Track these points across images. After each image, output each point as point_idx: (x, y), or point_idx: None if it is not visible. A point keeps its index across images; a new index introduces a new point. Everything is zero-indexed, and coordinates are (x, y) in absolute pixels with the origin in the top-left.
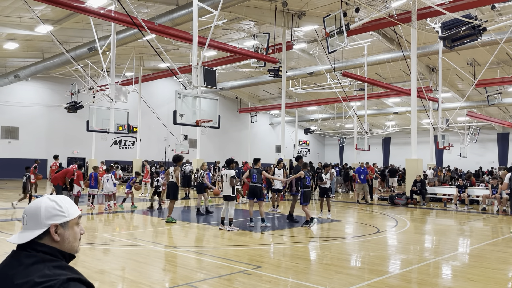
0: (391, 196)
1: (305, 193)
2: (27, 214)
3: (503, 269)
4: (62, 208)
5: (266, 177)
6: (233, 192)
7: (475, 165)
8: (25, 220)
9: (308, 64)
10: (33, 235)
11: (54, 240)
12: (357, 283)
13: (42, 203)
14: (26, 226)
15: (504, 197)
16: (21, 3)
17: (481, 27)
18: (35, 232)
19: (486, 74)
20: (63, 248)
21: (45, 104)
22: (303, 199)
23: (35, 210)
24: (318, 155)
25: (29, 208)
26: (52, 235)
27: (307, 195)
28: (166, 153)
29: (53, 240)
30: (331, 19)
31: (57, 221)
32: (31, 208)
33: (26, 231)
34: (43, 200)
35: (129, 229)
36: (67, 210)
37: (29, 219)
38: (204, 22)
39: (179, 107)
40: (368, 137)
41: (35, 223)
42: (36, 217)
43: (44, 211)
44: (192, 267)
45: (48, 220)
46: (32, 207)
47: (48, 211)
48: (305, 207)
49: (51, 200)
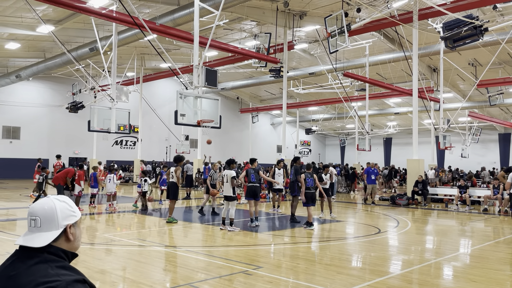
0: (392, 197)
1: (306, 195)
2: (39, 216)
3: (505, 270)
4: (73, 208)
5: (261, 177)
6: (234, 192)
7: (476, 165)
8: (37, 222)
9: (309, 64)
10: (52, 236)
11: (68, 240)
12: (358, 284)
13: (55, 204)
14: (40, 228)
15: (505, 198)
16: (22, 3)
17: (482, 28)
18: (52, 233)
19: (487, 74)
20: (72, 248)
21: (47, 104)
22: (305, 201)
23: (50, 211)
24: (319, 155)
25: (41, 209)
26: (68, 235)
27: (308, 196)
28: (168, 153)
29: (66, 240)
30: (332, 19)
31: (70, 221)
32: (43, 209)
33: (40, 233)
34: (54, 202)
35: (130, 229)
36: (76, 209)
37: (43, 221)
38: (205, 22)
39: (180, 107)
40: (370, 137)
41: (51, 224)
42: (52, 219)
43: (60, 213)
44: (193, 267)
45: (64, 221)
46: (46, 209)
47: (63, 212)
48: (309, 208)
49: (60, 201)
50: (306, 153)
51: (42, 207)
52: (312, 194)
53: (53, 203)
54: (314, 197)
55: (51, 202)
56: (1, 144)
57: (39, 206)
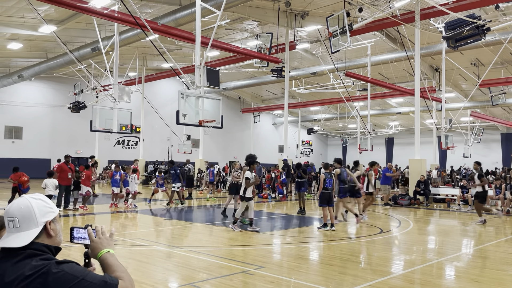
0: (394, 197)
1: (323, 195)
2: (16, 216)
3: (507, 270)
4: (50, 204)
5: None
6: (245, 192)
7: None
8: (15, 222)
9: (311, 64)
10: (32, 235)
11: (49, 236)
12: (360, 284)
13: (31, 203)
14: (19, 228)
15: (508, 197)
16: (24, 4)
17: (484, 27)
18: (32, 231)
19: (490, 74)
20: (54, 243)
21: (49, 104)
22: (320, 201)
23: (26, 210)
24: (321, 155)
25: (17, 210)
26: (49, 231)
27: (325, 196)
28: (169, 153)
29: (48, 236)
30: (334, 19)
31: (49, 218)
32: (20, 209)
33: (19, 233)
34: (29, 201)
35: (132, 229)
36: (53, 205)
37: (21, 220)
38: (207, 22)
39: (182, 107)
40: (371, 137)
41: (30, 223)
42: (29, 218)
43: (37, 211)
44: (194, 267)
45: (43, 218)
46: (22, 208)
47: (41, 209)
48: (324, 209)
49: (36, 199)
50: (308, 153)
51: (18, 207)
52: (329, 194)
53: (28, 202)
54: (331, 197)
55: (26, 201)
56: (4, 144)
57: (15, 206)
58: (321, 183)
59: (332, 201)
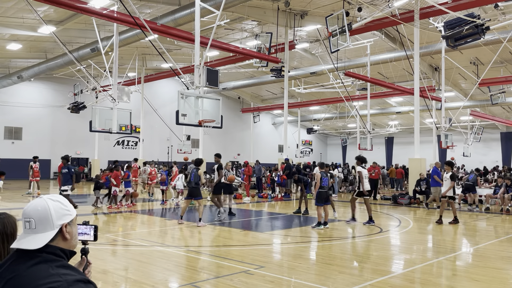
0: (394, 196)
1: (320, 194)
2: (33, 217)
3: (507, 269)
4: (68, 207)
5: None
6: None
7: (478, 164)
8: (32, 223)
9: (310, 64)
10: (47, 238)
11: (65, 239)
12: (360, 283)
13: (48, 204)
14: (35, 230)
15: (506, 196)
16: (24, 4)
17: (484, 26)
18: (47, 234)
19: (489, 73)
20: (69, 246)
21: (48, 104)
22: (317, 200)
23: (43, 212)
24: (321, 155)
25: (34, 211)
26: (65, 234)
27: (322, 195)
28: (169, 153)
29: (63, 239)
30: (333, 19)
31: (66, 221)
32: (37, 210)
33: (35, 234)
34: (47, 202)
35: (132, 229)
36: (71, 208)
37: (37, 222)
38: (206, 22)
39: (182, 107)
40: (371, 136)
41: (46, 225)
42: (46, 220)
43: (54, 213)
44: (194, 267)
45: (59, 220)
46: (39, 210)
47: (58, 211)
48: (320, 208)
49: (54, 200)
50: (308, 152)
51: (36, 208)
52: (326, 193)
53: (46, 203)
54: (328, 196)
55: (44, 202)
56: (3, 144)
57: (32, 207)
58: (317, 183)
59: (328, 200)
